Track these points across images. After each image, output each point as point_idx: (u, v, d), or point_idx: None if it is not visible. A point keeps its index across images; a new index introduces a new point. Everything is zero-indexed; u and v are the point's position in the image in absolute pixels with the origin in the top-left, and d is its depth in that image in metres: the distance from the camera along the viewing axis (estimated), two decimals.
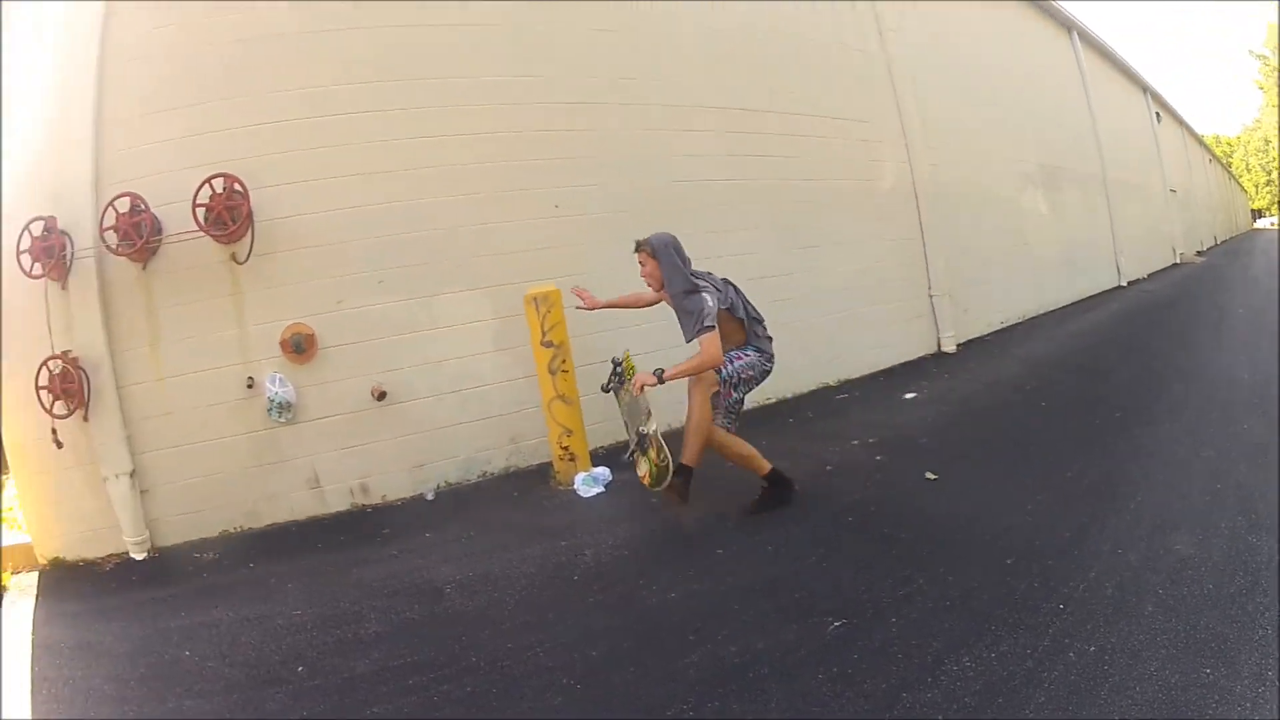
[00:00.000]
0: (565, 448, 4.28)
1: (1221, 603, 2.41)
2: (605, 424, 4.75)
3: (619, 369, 3.80)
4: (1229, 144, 72.96)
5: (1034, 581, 2.68)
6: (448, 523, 3.96)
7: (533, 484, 4.40)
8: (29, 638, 3.18)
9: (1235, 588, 2.50)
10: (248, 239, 4.18)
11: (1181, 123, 25.84)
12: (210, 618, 3.15)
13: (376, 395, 4.37)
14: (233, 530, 4.21)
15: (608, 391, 3.88)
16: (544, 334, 4.24)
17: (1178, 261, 19.15)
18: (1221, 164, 46.64)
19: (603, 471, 4.27)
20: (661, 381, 3.26)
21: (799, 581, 2.86)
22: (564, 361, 4.26)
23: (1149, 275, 15.52)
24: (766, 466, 3.54)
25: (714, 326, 3.22)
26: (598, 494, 4.11)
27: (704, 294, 3.29)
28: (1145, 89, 19.34)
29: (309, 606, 3.10)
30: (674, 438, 3.58)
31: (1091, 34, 14.32)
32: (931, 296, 7.26)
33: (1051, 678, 2.08)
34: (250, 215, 4.12)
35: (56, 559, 4.15)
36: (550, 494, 4.23)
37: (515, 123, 4.87)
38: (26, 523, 4.33)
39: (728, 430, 3.49)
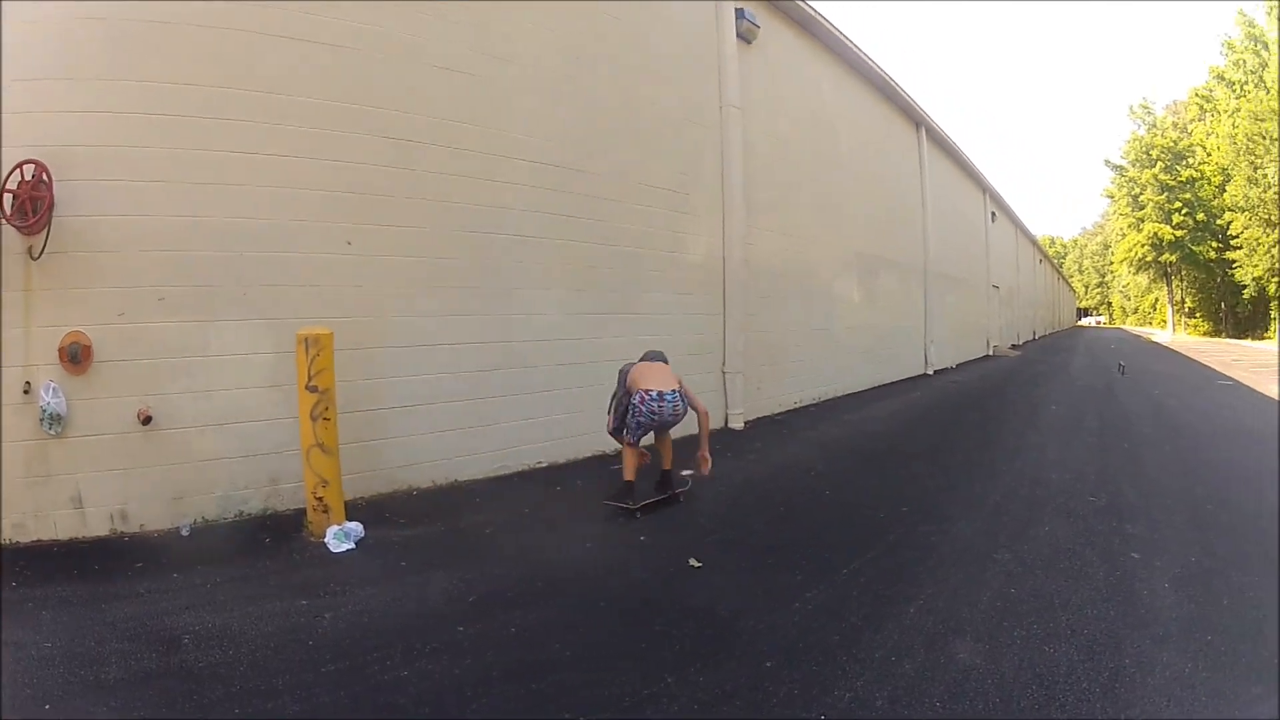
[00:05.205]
0: (320, 499, 4.15)
1: None
2: (366, 475, 4.74)
3: None
4: (1063, 246, 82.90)
5: (794, 689, 2.50)
6: (197, 564, 3.81)
7: (286, 531, 4.28)
8: None
9: (1026, 702, 2.36)
10: (45, 234, 3.96)
11: (1017, 224, 28.73)
12: None
13: (142, 419, 4.20)
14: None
15: None
16: (310, 378, 4.09)
17: (990, 354, 21.05)
18: (1053, 264, 52.62)
19: (355, 527, 4.13)
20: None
21: (542, 672, 2.68)
22: (327, 409, 4.13)
23: (958, 365, 16.55)
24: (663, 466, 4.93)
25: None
26: (348, 550, 3.98)
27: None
28: (985, 190, 21.34)
29: (59, 640, 2.97)
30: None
31: (940, 132, 15.48)
32: (725, 373, 7.40)
33: None
34: (51, 208, 3.91)
35: None
36: (301, 545, 4.06)
37: (332, 150, 4.72)
38: None
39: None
